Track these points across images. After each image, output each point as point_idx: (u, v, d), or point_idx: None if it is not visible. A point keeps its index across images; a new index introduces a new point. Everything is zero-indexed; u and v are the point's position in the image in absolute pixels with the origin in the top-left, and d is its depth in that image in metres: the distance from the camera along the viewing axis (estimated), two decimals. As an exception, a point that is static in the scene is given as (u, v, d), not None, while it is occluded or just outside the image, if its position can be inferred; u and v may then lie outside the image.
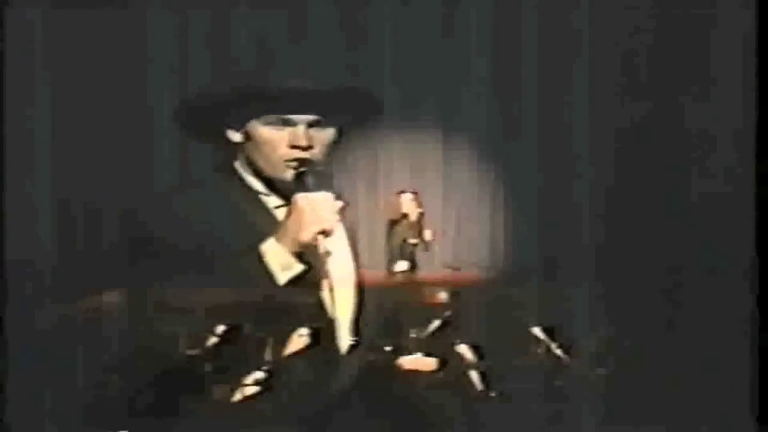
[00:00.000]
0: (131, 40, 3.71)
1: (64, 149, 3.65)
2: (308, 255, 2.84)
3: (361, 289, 2.99)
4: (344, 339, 2.96)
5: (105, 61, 3.69)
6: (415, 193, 2.95)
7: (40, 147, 3.63)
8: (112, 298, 3.00)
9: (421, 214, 2.93)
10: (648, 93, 3.95)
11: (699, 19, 3.88)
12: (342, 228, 2.99)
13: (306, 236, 2.81)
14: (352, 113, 3.03)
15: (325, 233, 2.81)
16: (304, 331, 2.78)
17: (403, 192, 2.95)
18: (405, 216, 2.92)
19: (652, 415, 3.42)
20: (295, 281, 2.84)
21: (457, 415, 2.81)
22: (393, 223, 2.93)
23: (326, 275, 2.84)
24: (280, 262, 2.84)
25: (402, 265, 2.88)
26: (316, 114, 2.94)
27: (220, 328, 2.74)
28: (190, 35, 3.74)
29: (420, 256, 2.93)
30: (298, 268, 2.84)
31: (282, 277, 2.83)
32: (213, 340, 2.74)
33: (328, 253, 2.81)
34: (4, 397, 3.36)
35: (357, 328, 2.97)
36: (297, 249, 2.83)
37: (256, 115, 2.95)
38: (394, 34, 3.88)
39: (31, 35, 3.62)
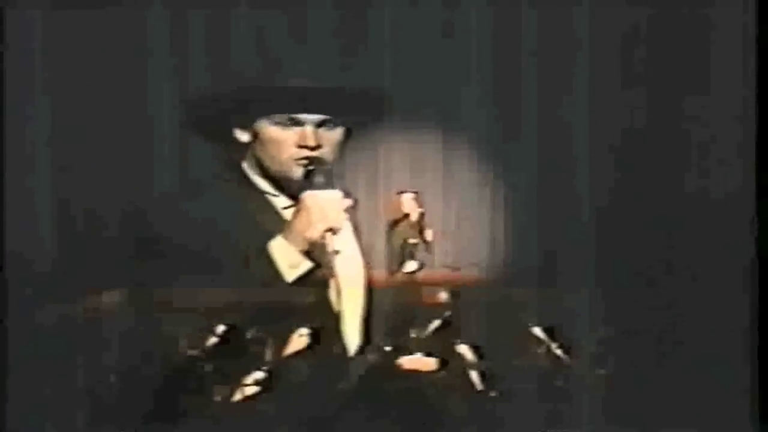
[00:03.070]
0: (131, 40, 3.71)
1: (64, 149, 3.65)
2: (316, 253, 2.85)
3: (370, 288, 3.01)
4: (352, 339, 2.97)
5: (105, 62, 3.69)
6: (415, 193, 2.94)
7: (40, 147, 3.63)
8: (112, 298, 3.00)
9: (422, 215, 2.92)
10: (648, 94, 3.95)
11: (699, 20, 3.88)
12: (350, 227, 3.01)
13: (314, 234, 2.83)
14: (362, 114, 3.04)
15: (333, 231, 2.82)
16: (304, 331, 2.78)
17: (403, 192, 2.95)
18: (406, 216, 2.92)
19: (652, 415, 3.42)
20: (300, 280, 2.85)
21: (456, 416, 2.81)
22: (394, 224, 2.93)
23: (334, 274, 2.85)
24: (289, 260, 2.85)
25: (411, 266, 2.88)
26: (326, 114, 2.95)
27: (220, 328, 2.74)
28: (190, 35, 3.74)
29: (420, 256, 2.93)
30: (306, 265, 2.85)
31: (290, 275, 2.85)
32: (213, 340, 2.74)
33: (336, 252, 2.83)
34: (4, 397, 3.36)
35: (366, 328, 2.99)
36: (305, 247, 2.85)
37: (264, 114, 2.96)
38: (394, 35, 3.88)
39: (31, 35, 3.62)
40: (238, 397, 2.71)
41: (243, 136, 3.02)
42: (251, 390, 2.71)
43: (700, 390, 3.61)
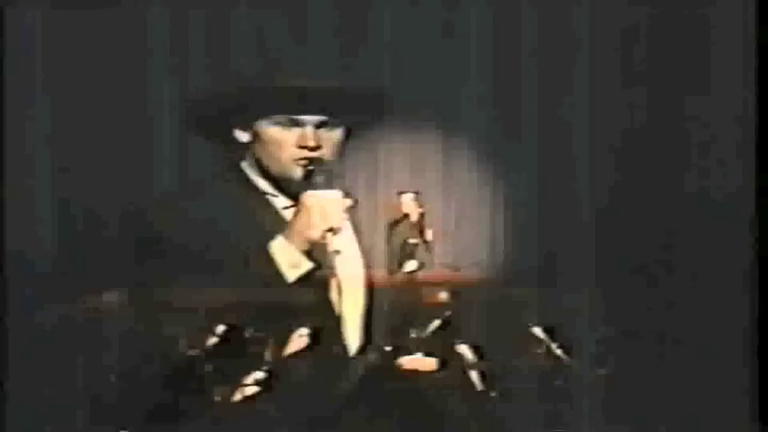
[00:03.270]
0: (131, 40, 3.71)
1: (64, 149, 3.65)
2: (317, 253, 2.86)
3: (370, 288, 3.01)
4: (352, 339, 2.97)
5: (105, 62, 3.69)
6: (416, 193, 2.95)
7: (40, 147, 3.63)
8: (112, 298, 3.00)
9: (422, 215, 2.93)
10: (648, 93, 3.95)
11: (699, 20, 3.88)
12: (350, 227, 3.02)
13: (315, 234, 2.83)
14: (362, 114, 3.05)
15: (334, 231, 2.83)
16: (304, 331, 2.79)
17: (403, 192, 2.96)
18: (406, 216, 2.92)
19: (652, 415, 3.42)
20: (300, 280, 2.86)
21: (456, 416, 2.81)
22: (394, 224, 2.93)
23: (335, 275, 2.86)
24: (289, 260, 2.86)
25: (411, 266, 2.88)
26: (326, 114, 2.96)
27: (220, 328, 2.75)
28: (190, 35, 3.73)
29: (420, 256, 2.93)
30: (307, 265, 2.86)
31: (291, 275, 2.85)
32: (213, 340, 2.74)
33: (336, 252, 2.83)
34: (4, 397, 3.36)
35: (366, 328, 2.99)
36: (306, 247, 2.86)
37: (264, 114, 2.97)
38: (394, 35, 3.87)
39: (31, 35, 3.62)
40: (238, 397, 2.71)
41: (243, 137, 3.03)
42: (251, 390, 2.71)
43: (700, 390, 3.61)
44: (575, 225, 3.87)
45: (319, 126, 2.97)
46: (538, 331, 2.94)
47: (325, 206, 2.85)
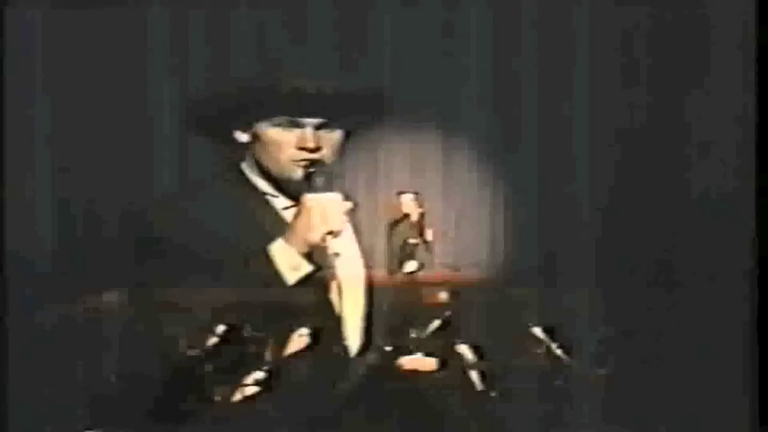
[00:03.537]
0: (131, 40, 3.71)
1: (64, 149, 3.65)
2: (317, 255, 2.86)
3: (370, 289, 3.02)
4: (352, 339, 2.98)
5: (105, 61, 3.69)
6: (415, 193, 2.95)
7: (40, 147, 3.63)
8: (112, 298, 3.00)
9: (422, 215, 2.93)
10: (648, 94, 3.95)
11: (699, 20, 3.88)
12: (350, 228, 3.02)
13: (315, 237, 2.84)
14: (362, 114, 3.05)
15: (334, 234, 2.83)
16: (304, 331, 2.79)
17: (403, 192, 2.96)
18: (406, 216, 2.93)
19: (652, 415, 3.42)
20: (301, 281, 2.86)
21: (456, 416, 2.81)
22: (394, 224, 2.94)
23: (335, 276, 2.86)
24: (289, 262, 2.86)
25: (411, 266, 2.89)
26: (326, 116, 2.96)
27: (220, 328, 2.75)
28: (190, 35, 3.73)
29: (420, 256, 2.93)
30: (307, 268, 2.86)
31: (291, 278, 2.86)
32: (213, 340, 2.74)
33: (337, 255, 2.84)
34: (4, 397, 3.36)
35: (366, 328, 2.99)
36: (306, 249, 2.86)
37: (264, 115, 2.97)
38: (394, 34, 3.87)
39: (31, 35, 3.62)
40: (238, 397, 2.72)
41: (243, 137, 3.03)
42: (251, 390, 2.71)
43: (700, 390, 3.61)
44: (575, 225, 3.87)
45: (318, 127, 2.97)
46: (538, 331, 2.94)
47: (325, 209, 2.86)
